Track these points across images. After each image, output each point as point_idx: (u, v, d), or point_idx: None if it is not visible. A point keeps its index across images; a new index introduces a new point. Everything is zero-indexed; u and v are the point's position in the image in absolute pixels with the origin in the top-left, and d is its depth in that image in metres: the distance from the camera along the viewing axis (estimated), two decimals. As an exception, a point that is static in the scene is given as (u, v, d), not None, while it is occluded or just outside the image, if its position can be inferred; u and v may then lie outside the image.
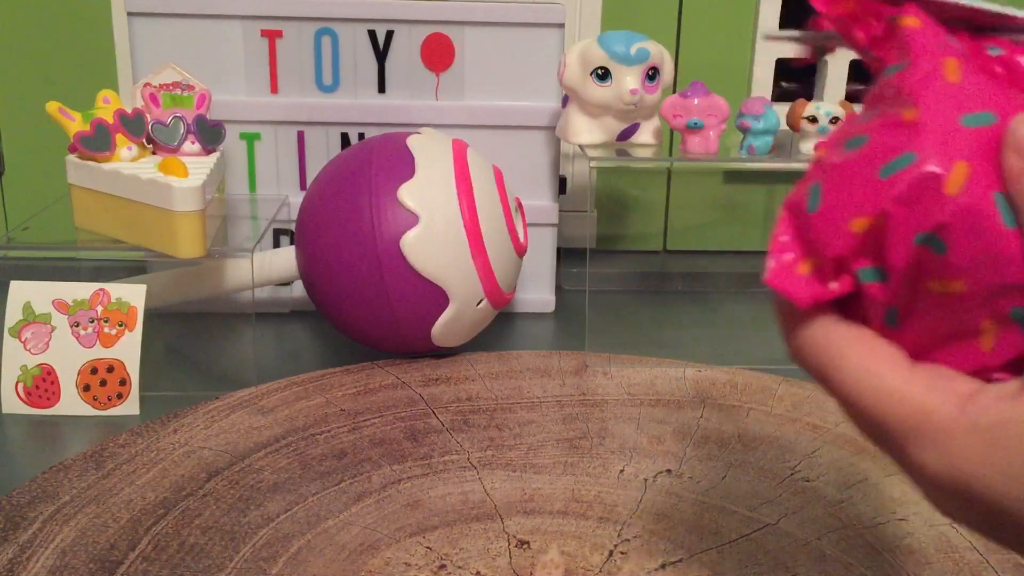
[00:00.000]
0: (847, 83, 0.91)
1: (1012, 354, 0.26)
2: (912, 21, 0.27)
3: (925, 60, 0.26)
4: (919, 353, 0.27)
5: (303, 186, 0.77)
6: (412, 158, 0.65)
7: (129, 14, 0.72)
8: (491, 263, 0.65)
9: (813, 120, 0.67)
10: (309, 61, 0.74)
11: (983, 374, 0.26)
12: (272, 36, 0.73)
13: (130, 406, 0.61)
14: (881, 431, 0.26)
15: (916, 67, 0.26)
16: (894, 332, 0.27)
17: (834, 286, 0.27)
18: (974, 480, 0.24)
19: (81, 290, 0.61)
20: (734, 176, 0.95)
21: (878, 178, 0.26)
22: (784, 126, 0.70)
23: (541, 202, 0.78)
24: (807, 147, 0.68)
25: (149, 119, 0.66)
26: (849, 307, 0.28)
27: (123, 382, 0.61)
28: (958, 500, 0.25)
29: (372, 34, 0.74)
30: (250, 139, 0.76)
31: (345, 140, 0.76)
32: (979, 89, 0.26)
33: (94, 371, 0.61)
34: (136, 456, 0.55)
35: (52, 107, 0.62)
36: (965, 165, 0.25)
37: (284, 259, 0.69)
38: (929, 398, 0.25)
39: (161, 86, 0.67)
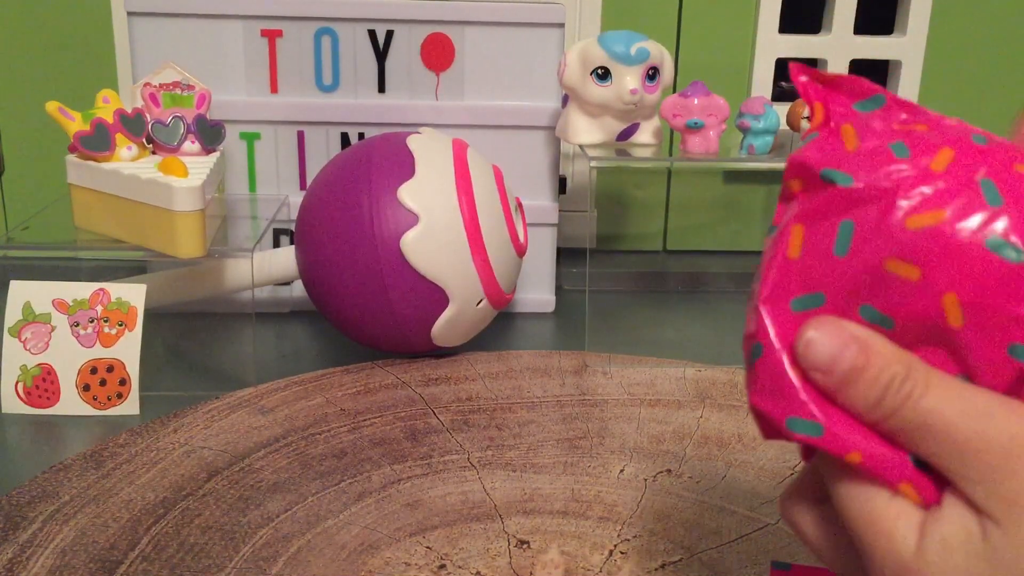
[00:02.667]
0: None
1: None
2: (796, 185, 0.28)
3: (779, 230, 0.27)
4: None
5: (303, 186, 0.77)
6: (412, 158, 0.65)
7: (129, 14, 0.72)
8: (491, 263, 0.65)
9: (813, 120, 0.67)
10: (309, 61, 0.74)
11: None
12: (272, 36, 0.73)
13: (130, 406, 0.61)
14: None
15: (775, 237, 0.28)
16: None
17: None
18: None
19: (81, 290, 0.61)
20: (734, 176, 0.95)
21: (748, 366, 0.28)
22: (784, 126, 0.70)
23: (541, 202, 0.78)
24: (807, 147, 0.68)
25: (149, 119, 0.65)
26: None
27: (123, 382, 0.61)
28: None
29: (372, 34, 0.74)
30: (250, 139, 0.76)
31: (345, 140, 0.76)
32: (818, 258, 0.26)
33: (94, 371, 0.61)
34: (136, 456, 0.55)
35: (52, 107, 0.62)
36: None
37: (284, 259, 0.69)
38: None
39: (161, 86, 0.67)
